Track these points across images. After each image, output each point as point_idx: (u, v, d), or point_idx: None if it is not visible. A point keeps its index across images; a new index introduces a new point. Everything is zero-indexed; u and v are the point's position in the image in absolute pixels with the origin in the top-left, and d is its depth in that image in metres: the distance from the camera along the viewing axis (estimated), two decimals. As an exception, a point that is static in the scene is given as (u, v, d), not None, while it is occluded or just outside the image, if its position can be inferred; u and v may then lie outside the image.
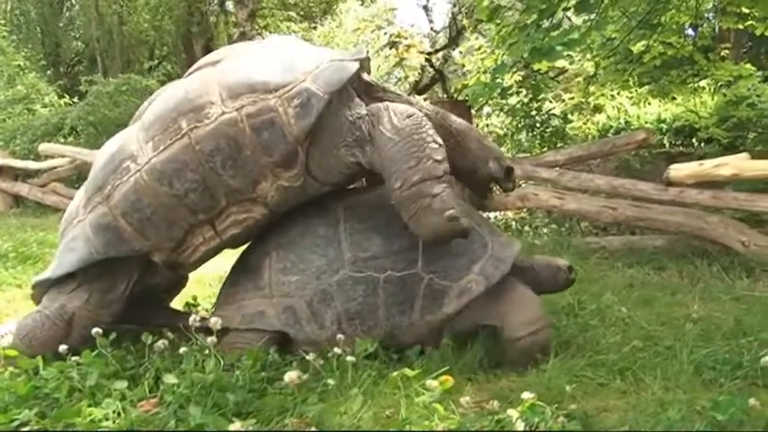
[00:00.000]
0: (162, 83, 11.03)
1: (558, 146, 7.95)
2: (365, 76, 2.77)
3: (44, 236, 5.97)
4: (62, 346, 2.37)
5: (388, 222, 2.54)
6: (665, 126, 7.95)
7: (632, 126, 8.14)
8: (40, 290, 2.75)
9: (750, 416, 1.86)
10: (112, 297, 2.65)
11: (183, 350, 2.28)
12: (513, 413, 1.88)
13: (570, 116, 8.77)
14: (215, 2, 17.07)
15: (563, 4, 5.51)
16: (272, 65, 2.53)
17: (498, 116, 10.11)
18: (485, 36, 13.03)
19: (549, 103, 9.06)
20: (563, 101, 9.51)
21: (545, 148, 8.03)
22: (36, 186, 8.80)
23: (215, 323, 2.32)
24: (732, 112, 7.29)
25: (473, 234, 2.60)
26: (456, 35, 16.20)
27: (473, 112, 9.05)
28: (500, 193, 5.24)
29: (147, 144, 2.50)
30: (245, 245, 2.79)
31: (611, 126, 8.52)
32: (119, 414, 1.96)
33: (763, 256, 4.36)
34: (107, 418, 1.94)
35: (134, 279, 2.67)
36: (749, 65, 7.95)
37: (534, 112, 8.44)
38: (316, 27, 18.39)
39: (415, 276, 2.51)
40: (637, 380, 2.32)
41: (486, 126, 10.87)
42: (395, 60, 15.00)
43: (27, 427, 1.93)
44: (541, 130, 8.44)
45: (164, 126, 2.48)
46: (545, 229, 6.73)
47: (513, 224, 7.09)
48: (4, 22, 14.59)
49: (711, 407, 1.89)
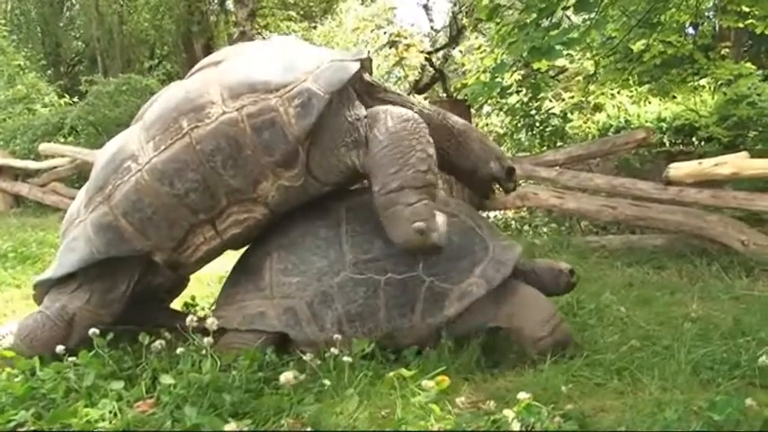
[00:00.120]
0: (162, 82, 11.05)
1: (558, 145, 7.94)
2: (366, 76, 2.77)
3: (44, 236, 5.98)
4: (59, 347, 2.37)
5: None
6: (664, 125, 7.92)
7: (632, 125, 8.11)
8: (42, 290, 2.75)
9: (747, 416, 1.85)
10: (113, 297, 2.65)
11: (180, 351, 2.28)
12: (509, 413, 1.87)
13: (570, 115, 8.74)
14: (215, 1, 17.07)
15: (562, 3, 5.50)
16: (272, 65, 2.53)
17: (498, 115, 10.09)
18: (485, 35, 13.02)
19: (549, 102, 9.02)
20: (563, 100, 9.47)
21: (545, 148, 8.02)
22: (36, 186, 8.80)
23: (212, 323, 2.32)
24: (732, 110, 7.26)
25: (474, 236, 2.60)
26: (456, 34, 16.18)
27: (473, 112, 9.02)
28: (501, 193, 5.24)
29: (148, 144, 2.50)
30: (246, 245, 2.79)
31: (610, 125, 8.49)
32: (115, 414, 1.96)
33: (762, 256, 4.36)
34: (103, 419, 1.94)
35: (135, 279, 2.67)
36: (749, 63, 7.92)
37: (534, 112, 8.42)
38: (316, 26, 18.39)
39: (416, 279, 2.50)
40: (634, 380, 2.31)
41: (486, 125, 10.85)
42: (395, 60, 14.97)
43: (23, 428, 1.92)
44: (541, 129, 8.41)
45: (164, 126, 2.48)
46: (545, 229, 6.74)
47: (513, 223, 7.10)
48: (4, 21, 14.59)
49: (708, 407, 1.88)
